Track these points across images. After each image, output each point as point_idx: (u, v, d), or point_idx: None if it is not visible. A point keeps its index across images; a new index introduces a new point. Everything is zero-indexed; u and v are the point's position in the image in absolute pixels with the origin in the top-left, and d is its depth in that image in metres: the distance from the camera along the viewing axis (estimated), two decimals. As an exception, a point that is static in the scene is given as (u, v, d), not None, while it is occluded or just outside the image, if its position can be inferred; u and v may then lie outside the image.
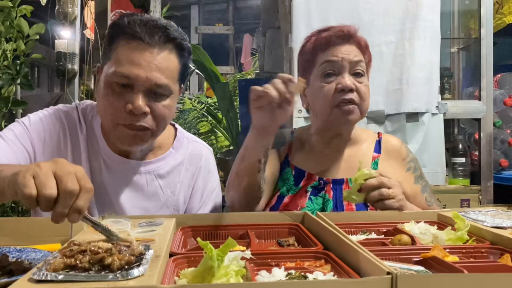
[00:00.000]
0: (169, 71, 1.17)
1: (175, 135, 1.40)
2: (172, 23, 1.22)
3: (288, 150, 1.47)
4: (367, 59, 1.42)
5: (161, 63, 1.15)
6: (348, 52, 1.36)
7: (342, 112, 1.33)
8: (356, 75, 1.35)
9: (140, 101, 1.14)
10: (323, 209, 1.33)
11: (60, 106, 1.34)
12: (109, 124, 1.20)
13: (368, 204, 1.33)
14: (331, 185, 1.37)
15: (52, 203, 0.77)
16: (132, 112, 1.14)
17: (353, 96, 1.32)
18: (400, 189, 1.21)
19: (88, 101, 1.38)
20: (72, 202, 0.78)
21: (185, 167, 1.37)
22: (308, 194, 1.37)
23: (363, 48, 1.40)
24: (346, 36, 1.37)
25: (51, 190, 0.76)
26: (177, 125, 1.43)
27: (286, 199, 1.38)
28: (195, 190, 1.39)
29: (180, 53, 1.20)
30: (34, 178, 0.77)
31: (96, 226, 0.85)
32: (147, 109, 1.15)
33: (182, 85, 1.31)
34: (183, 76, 1.26)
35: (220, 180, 1.50)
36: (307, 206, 1.34)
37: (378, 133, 1.50)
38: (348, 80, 1.33)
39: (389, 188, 1.17)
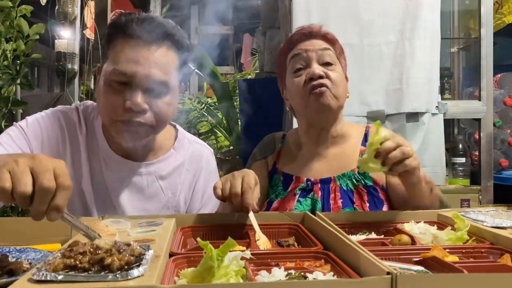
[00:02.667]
0: (168, 67, 1.17)
1: (176, 136, 1.39)
2: (170, 20, 1.21)
3: (276, 158, 1.48)
4: (337, 51, 1.42)
5: (159, 60, 1.15)
6: (313, 44, 1.38)
7: (315, 98, 1.33)
8: (326, 64, 1.36)
9: (139, 98, 1.13)
10: (312, 210, 1.32)
11: (59, 107, 1.33)
12: (108, 121, 1.19)
13: (354, 205, 1.32)
14: (319, 185, 1.37)
15: (27, 199, 0.76)
16: (131, 109, 1.13)
17: (323, 81, 1.33)
18: (412, 147, 1.13)
19: (89, 102, 1.37)
20: (50, 199, 0.76)
21: (186, 168, 1.37)
22: (297, 196, 1.37)
23: (330, 40, 1.41)
24: (308, 32, 1.40)
25: (26, 187, 0.75)
26: (178, 126, 1.43)
27: (275, 204, 1.38)
28: (196, 191, 1.38)
29: (178, 49, 1.20)
30: (10, 173, 0.76)
31: (75, 226, 0.83)
32: (146, 106, 1.15)
33: (183, 83, 1.31)
34: (183, 73, 1.25)
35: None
36: (295, 209, 1.33)
37: (366, 126, 1.49)
38: (316, 68, 1.33)
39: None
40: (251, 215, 1.07)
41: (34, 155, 0.80)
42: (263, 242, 0.99)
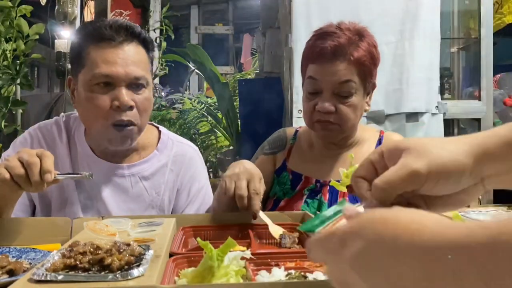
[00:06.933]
0: (142, 63, 1.26)
1: (159, 137, 1.41)
2: (130, 22, 1.32)
3: (287, 155, 1.46)
4: (364, 73, 1.31)
5: (134, 57, 1.23)
6: (334, 72, 1.26)
7: (321, 128, 1.32)
8: (340, 96, 1.28)
9: (125, 96, 1.19)
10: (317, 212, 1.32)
11: (39, 123, 1.39)
12: (98, 127, 1.22)
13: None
14: (328, 188, 1.35)
15: (23, 178, 0.98)
16: (119, 108, 1.19)
17: (331, 118, 1.28)
18: None
19: (73, 113, 1.41)
20: (38, 168, 0.98)
21: (169, 168, 1.38)
22: (305, 197, 1.36)
23: (358, 63, 1.27)
24: (338, 51, 1.27)
25: (19, 169, 0.98)
26: (161, 127, 1.45)
27: (282, 203, 1.37)
28: (181, 190, 1.39)
29: (146, 46, 1.29)
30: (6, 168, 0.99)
31: (70, 177, 1.12)
32: (132, 103, 1.21)
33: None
34: (151, 68, 1.34)
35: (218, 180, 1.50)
36: (302, 210, 1.32)
37: (380, 132, 1.49)
38: (326, 103, 1.27)
39: None
40: (261, 214, 1.08)
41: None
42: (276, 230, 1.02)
